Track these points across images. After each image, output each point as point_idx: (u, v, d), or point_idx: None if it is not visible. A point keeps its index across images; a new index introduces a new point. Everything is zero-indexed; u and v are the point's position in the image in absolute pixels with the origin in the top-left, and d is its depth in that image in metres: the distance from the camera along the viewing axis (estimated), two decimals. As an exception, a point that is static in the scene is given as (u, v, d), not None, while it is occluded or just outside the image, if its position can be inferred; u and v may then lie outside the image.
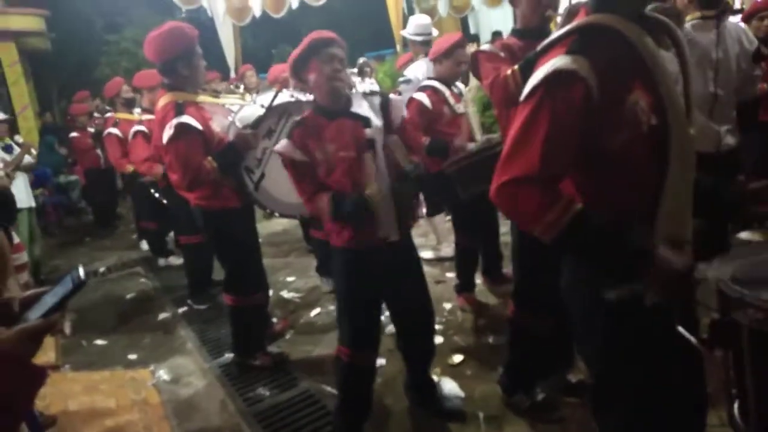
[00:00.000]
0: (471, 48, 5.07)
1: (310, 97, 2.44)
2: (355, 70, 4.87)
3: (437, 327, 3.59)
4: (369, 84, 4.92)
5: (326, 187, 2.28)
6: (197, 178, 2.88)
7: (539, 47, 1.38)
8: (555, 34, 1.33)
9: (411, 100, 3.82)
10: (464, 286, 3.91)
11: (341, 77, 2.27)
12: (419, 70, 4.49)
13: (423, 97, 3.75)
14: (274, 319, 3.91)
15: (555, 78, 1.23)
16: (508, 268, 3.91)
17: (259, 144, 3.00)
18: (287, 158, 2.29)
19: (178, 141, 2.85)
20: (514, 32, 2.51)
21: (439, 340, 3.39)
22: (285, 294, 4.59)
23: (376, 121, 2.33)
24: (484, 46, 2.47)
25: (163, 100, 3.05)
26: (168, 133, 2.87)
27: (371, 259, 2.34)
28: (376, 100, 2.42)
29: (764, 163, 3.99)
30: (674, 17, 2.77)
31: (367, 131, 2.28)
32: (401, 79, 4.69)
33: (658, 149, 1.27)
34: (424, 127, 3.63)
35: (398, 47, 8.80)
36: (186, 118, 2.88)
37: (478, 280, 4.03)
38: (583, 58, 1.22)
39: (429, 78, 3.89)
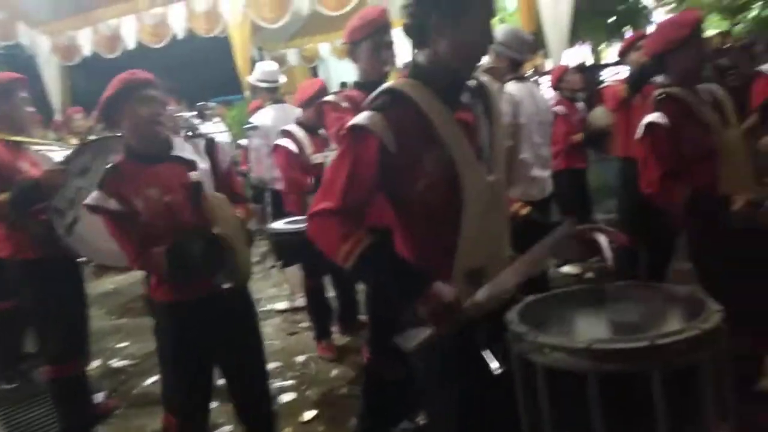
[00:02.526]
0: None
1: None
2: (194, 113, 4.69)
3: (289, 383, 3.45)
4: (213, 126, 4.75)
5: (152, 241, 2.06)
6: None
7: (366, 102, 1.55)
8: (373, 93, 1.53)
9: (276, 147, 3.75)
10: (321, 334, 3.81)
11: (162, 120, 2.14)
12: (267, 116, 4.43)
13: (287, 143, 3.69)
14: (101, 394, 3.43)
15: (353, 130, 1.45)
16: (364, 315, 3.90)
17: (71, 182, 2.67)
18: (101, 211, 2.06)
19: None
20: (356, 84, 2.59)
21: (290, 396, 3.22)
22: (115, 363, 4.10)
23: (202, 164, 2.21)
24: (329, 97, 2.52)
25: None
26: None
27: (203, 311, 2.13)
28: (201, 142, 2.31)
29: (571, 205, 4.49)
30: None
31: (193, 175, 2.14)
32: (246, 125, 4.59)
33: (453, 194, 1.45)
34: (299, 171, 3.57)
35: (246, 93, 8.67)
36: None
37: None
38: (380, 115, 1.42)
39: (296, 123, 3.83)
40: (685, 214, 2.32)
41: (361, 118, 1.44)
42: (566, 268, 4.85)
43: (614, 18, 8.42)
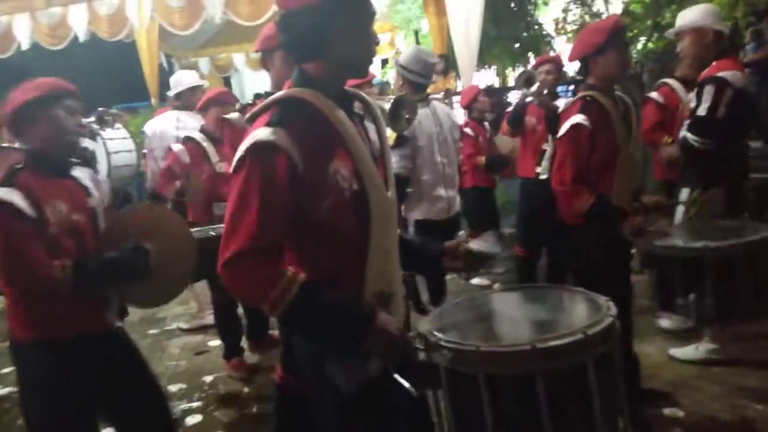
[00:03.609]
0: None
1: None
2: (93, 118, 4.41)
3: (196, 404, 3.30)
4: (114, 132, 4.49)
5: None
6: None
7: (247, 116, 1.41)
8: (258, 106, 1.40)
9: (169, 150, 3.60)
10: (230, 352, 3.67)
11: (80, 133, 2.02)
12: (163, 122, 4.28)
13: (181, 151, 3.55)
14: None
15: (257, 149, 1.27)
16: (275, 330, 3.80)
17: None
18: (7, 210, 1.77)
19: None
20: (267, 95, 2.51)
21: (197, 419, 3.07)
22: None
23: (95, 192, 2.05)
24: (232, 115, 2.44)
25: None
26: None
27: (86, 350, 1.86)
28: (94, 171, 2.19)
29: (480, 223, 4.67)
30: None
31: (90, 200, 2.00)
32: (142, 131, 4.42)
33: (360, 212, 1.35)
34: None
35: (153, 101, 8.29)
36: None
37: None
38: (282, 129, 1.27)
39: (200, 131, 3.69)
40: (586, 219, 2.37)
41: (264, 134, 1.27)
42: (476, 280, 5.02)
43: (519, 44, 8.98)
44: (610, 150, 2.36)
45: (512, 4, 9.02)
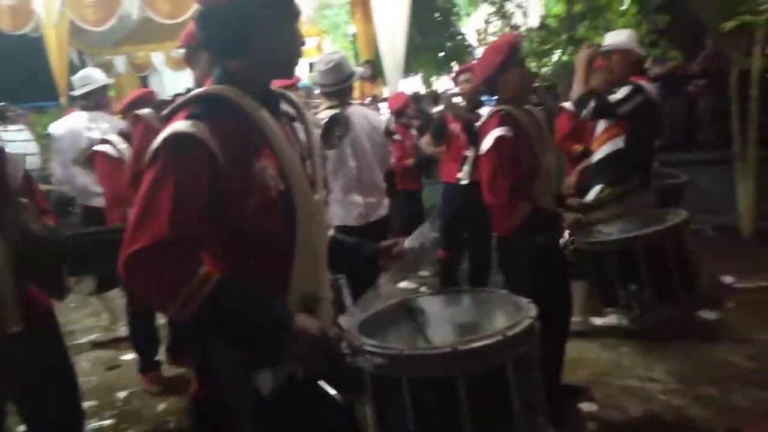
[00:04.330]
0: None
1: None
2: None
3: (108, 422, 3.11)
4: (18, 133, 4.17)
5: None
6: None
7: (163, 113, 1.35)
8: (176, 103, 1.34)
9: (94, 153, 3.45)
10: (146, 365, 3.48)
11: None
12: (73, 122, 4.03)
13: (107, 149, 3.41)
14: None
15: (175, 141, 1.22)
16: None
17: None
18: None
19: None
20: (188, 93, 2.41)
21: (109, 438, 2.90)
22: None
23: None
24: (144, 111, 2.32)
25: None
26: None
27: None
28: None
29: (409, 224, 4.73)
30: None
31: None
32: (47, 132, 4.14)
33: (286, 213, 1.32)
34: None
35: (62, 100, 7.78)
36: None
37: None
38: (202, 122, 1.23)
39: (119, 134, 3.48)
40: (521, 227, 2.42)
41: (182, 126, 1.22)
42: (403, 284, 5.07)
43: (443, 53, 9.18)
44: (532, 160, 2.43)
45: (436, 14, 9.21)
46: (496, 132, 2.40)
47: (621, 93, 3.05)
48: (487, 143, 2.43)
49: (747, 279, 4.29)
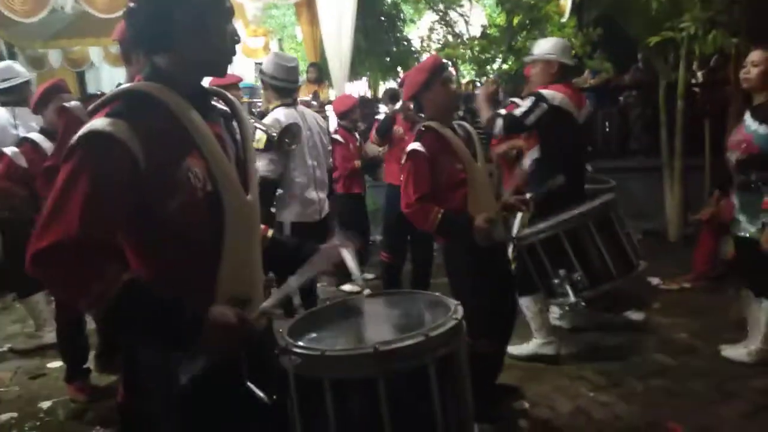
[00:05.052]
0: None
1: None
2: None
3: (28, 435, 2.94)
4: None
5: None
6: None
7: (89, 108, 1.33)
8: (101, 98, 1.32)
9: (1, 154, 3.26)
10: (74, 374, 3.31)
11: None
12: None
13: (16, 154, 3.20)
14: None
15: (91, 140, 1.20)
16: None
17: None
18: None
19: None
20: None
21: (29, 451, 2.75)
22: None
23: None
24: (72, 103, 2.24)
25: None
26: None
27: None
28: None
29: (351, 227, 4.75)
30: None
31: None
32: None
33: (213, 215, 1.31)
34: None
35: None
36: None
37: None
38: (123, 121, 1.21)
39: (40, 131, 3.31)
40: (440, 233, 2.61)
41: (101, 124, 1.20)
42: (347, 287, 5.06)
43: (389, 58, 9.30)
44: (453, 171, 2.57)
45: (382, 19, 9.32)
46: (411, 146, 2.59)
47: (524, 105, 3.29)
48: (403, 155, 2.63)
49: (671, 281, 4.54)
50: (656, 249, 5.43)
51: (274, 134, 2.97)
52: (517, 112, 3.29)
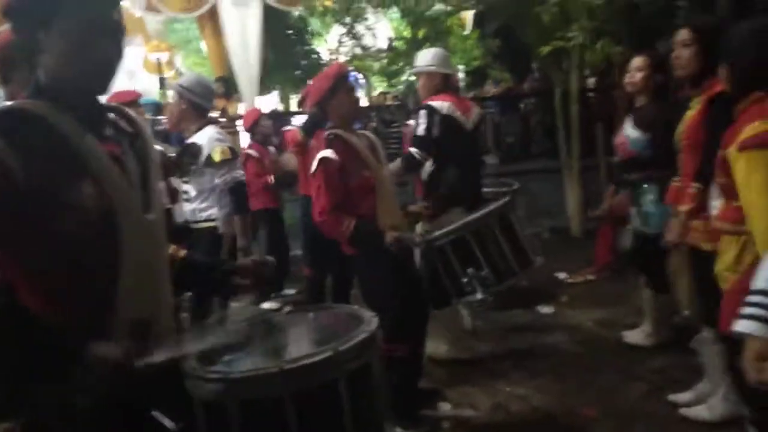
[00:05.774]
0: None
1: None
2: None
3: None
4: None
5: None
6: None
7: None
8: None
9: None
10: None
11: None
12: None
13: None
14: None
15: None
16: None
17: None
18: None
19: None
20: None
21: None
22: None
23: None
24: None
25: None
26: None
27: None
28: None
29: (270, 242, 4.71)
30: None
31: None
32: None
33: (108, 236, 1.27)
34: None
35: None
36: None
37: None
38: (1, 139, 1.16)
39: None
40: (351, 241, 2.60)
41: None
42: (267, 304, 4.95)
43: (299, 71, 9.28)
44: (362, 177, 2.60)
45: (290, 32, 9.30)
46: (322, 154, 2.58)
47: (421, 122, 3.45)
48: (314, 164, 2.60)
49: (577, 274, 4.83)
50: (561, 245, 5.77)
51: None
52: (420, 131, 3.42)
